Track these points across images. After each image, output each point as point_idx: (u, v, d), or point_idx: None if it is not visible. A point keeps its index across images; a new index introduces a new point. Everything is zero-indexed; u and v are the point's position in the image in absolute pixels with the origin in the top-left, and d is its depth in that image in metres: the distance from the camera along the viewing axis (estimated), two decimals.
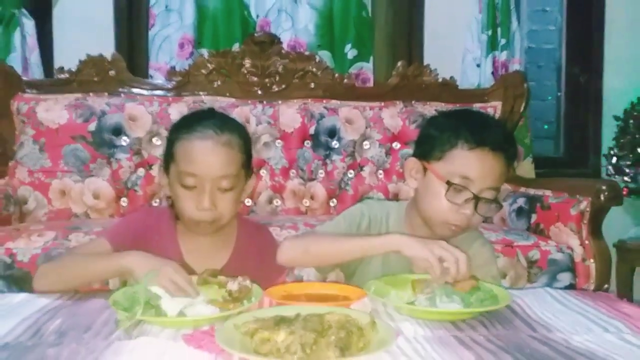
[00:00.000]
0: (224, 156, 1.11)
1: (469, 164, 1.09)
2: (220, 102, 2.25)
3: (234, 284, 0.95)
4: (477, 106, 2.37)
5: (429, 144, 1.16)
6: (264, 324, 0.76)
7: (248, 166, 1.19)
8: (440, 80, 2.43)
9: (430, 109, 2.34)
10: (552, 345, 0.81)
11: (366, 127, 2.30)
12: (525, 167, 2.62)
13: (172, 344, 0.78)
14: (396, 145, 2.30)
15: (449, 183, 1.09)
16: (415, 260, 1.01)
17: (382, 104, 2.35)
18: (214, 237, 1.20)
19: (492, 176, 1.10)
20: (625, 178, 2.56)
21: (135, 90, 2.25)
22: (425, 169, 1.16)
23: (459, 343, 0.81)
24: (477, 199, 1.08)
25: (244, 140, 1.17)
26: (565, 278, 1.80)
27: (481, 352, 0.77)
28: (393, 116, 2.32)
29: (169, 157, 1.16)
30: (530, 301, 1.03)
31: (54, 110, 2.13)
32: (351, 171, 2.29)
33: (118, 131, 2.16)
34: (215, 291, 0.97)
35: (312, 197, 2.26)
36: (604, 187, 1.80)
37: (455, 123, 1.15)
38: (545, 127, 3.12)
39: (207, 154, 1.10)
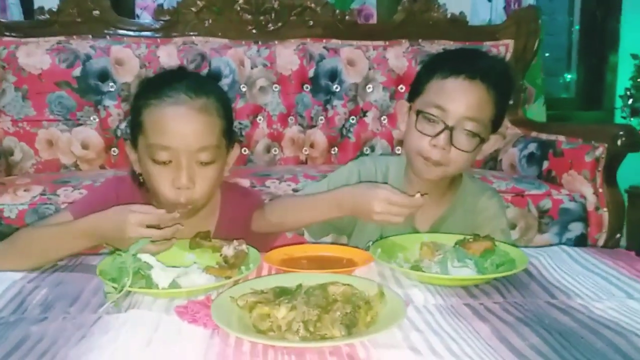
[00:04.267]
0: (201, 124, 0.95)
1: (442, 92, 1.03)
2: (211, 44, 2.12)
3: (229, 248, 0.87)
4: (487, 44, 2.26)
5: (415, 82, 1.12)
6: (263, 297, 0.70)
7: (229, 135, 1.03)
8: (449, 16, 2.28)
9: (438, 47, 2.20)
10: (573, 314, 0.74)
11: (369, 69, 2.18)
12: (537, 110, 2.50)
13: (165, 318, 0.71)
14: (401, 88, 2.18)
15: (417, 112, 1.04)
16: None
17: (387, 43, 2.22)
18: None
19: (467, 104, 1.02)
20: None
21: (121, 31, 2.12)
22: (410, 109, 1.11)
23: (472, 313, 0.74)
24: (450, 129, 1.01)
25: (223, 103, 1.01)
26: (576, 228, 1.74)
27: (497, 323, 0.70)
28: (398, 56, 2.19)
29: (136, 128, 0.98)
30: (546, 261, 0.97)
31: (36, 55, 2.01)
32: (353, 117, 2.18)
33: (104, 76, 2.05)
34: (209, 256, 0.91)
35: (312, 145, 2.16)
36: (621, 133, 1.71)
37: (435, 57, 1.13)
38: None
39: (182, 123, 0.94)
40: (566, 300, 0.79)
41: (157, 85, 0.98)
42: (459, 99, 1.02)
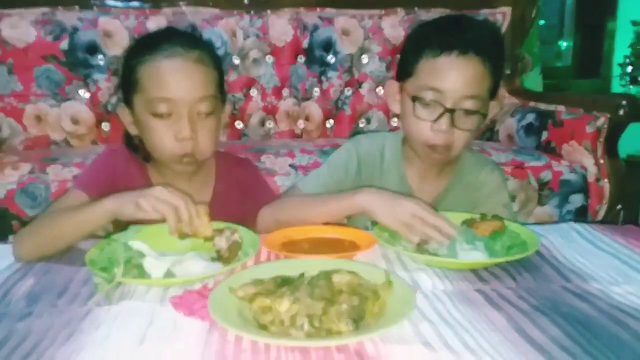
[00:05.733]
0: (199, 75, 0.96)
1: (436, 73, 0.97)
2: (202, 14, 2.04)
3: (221, 240, 0.82)
4: (484, 12, 2.19)
5: (402, 60, 1.06)
6: (263, 288, 0.66)
7: (222, 90, 1.04)
8: None
9: (434, 16, 2.10)
10: (591, 300, 0.71)
11: (365, 39, 2.11)
12: (533, 79, 2.46)
13: (159, 310, 0.67)
14: (398, 58, 2.11)
15: (413, 99, 0.99)
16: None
17: (383, 12, 2.14)
18: (192, 178, 1.07)
19: (465, 82, 0.96)
20: None
21: (108, 2, 2.02)
22: (402, 90, 1.05)
23: (485, 300, 0.71)
24: (451, 112, 0.97)
25: (215, 56, 1.03)
26: (577, 200, 1.72)
27: (512, 312, 0.67)
28: (394, 26, 2.12)
29: (131, 87, 0.98)
30: (556, 241, 0.94)
31: (20, 27, 1.92)
32: (349, 89, 2.13)
33: (93, 49, 1.97)
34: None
35: (307, 119, 2.11)
36: (624, 102, 1.68)
37: (421, 31, 1.05)
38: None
39: (180, 74, 0.95)
40: (582, 284, 0.76)
41: (149, 43, 0.99)
42: (455, 78, 0.96)
